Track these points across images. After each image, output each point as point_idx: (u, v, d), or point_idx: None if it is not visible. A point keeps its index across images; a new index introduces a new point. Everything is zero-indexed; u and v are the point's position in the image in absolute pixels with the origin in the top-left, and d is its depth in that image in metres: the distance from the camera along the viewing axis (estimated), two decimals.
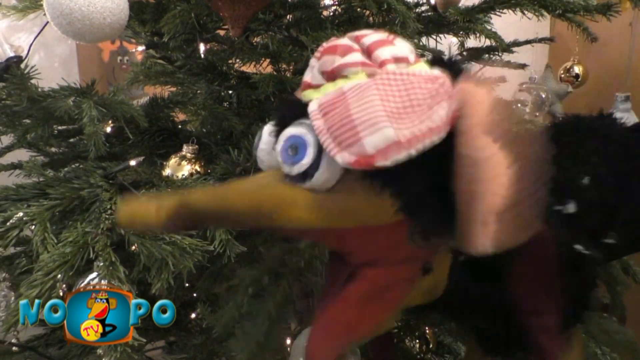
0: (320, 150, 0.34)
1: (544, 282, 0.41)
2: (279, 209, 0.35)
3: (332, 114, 0.34)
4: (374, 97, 0.34)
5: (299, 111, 0.37)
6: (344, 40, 0.39)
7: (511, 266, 0.41)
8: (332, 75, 0.37)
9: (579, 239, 0.42)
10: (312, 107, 0.36)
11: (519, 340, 0.45)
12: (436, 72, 0.35)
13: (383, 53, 0.37)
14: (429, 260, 0.41)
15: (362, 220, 0.36)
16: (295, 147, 0.35)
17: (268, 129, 0.39)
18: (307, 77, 0.40)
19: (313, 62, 0.40)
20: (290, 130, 0.36)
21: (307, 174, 0.35)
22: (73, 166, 0.79)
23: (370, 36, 0.38)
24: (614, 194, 0.43)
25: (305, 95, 0.38)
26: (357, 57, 0.37)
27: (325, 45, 0.40)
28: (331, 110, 0.35)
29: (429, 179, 0.33)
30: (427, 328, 0.87)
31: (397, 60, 0.37)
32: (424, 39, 0.89)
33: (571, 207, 0.44)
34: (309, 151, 0.35)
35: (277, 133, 0.38)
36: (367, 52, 0.38)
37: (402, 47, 0.38)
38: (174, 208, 0.35)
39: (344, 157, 0.33)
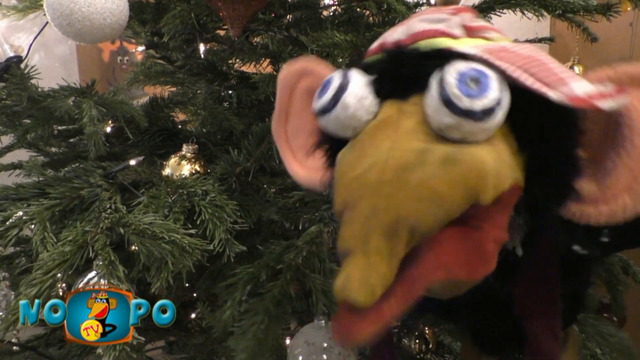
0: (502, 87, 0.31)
1: (549, 285, 0.41)
2: (487, 177, 0.29)
3: (511, 58, 0.31)
4: (546, 55, 0.32)
5: (427, 58, 0.33)
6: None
7: (517, 269, 0.40)
8: (472, 32, 0.36)
9: (576, 239, 0.42)
10: (474, 51, 0.32)
11: (514, 340, 0.45)
12: None
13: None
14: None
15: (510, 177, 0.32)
16: (478, 80, 0.30)
17: (358, 74, 0.34)
18: (439, 26, 0.36)
19: (442, 15, 0.37)
20: (464, 64, 0.31)
21: (491, 111, 0.29)
22: (73, 166, 0.79)
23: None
24: None
25: (437, 42, 0.35)
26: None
27: (457, 5, 0.39)
28: (506, 56, 0.31)
29: (561, 150, 0.32)
30: (426, 328, 0.87)
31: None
32: None
33: None
34: (494, 84, 0.30)
35: (401, 78, 0.33)
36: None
37: None
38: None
39: (558, 95, 0.29)
